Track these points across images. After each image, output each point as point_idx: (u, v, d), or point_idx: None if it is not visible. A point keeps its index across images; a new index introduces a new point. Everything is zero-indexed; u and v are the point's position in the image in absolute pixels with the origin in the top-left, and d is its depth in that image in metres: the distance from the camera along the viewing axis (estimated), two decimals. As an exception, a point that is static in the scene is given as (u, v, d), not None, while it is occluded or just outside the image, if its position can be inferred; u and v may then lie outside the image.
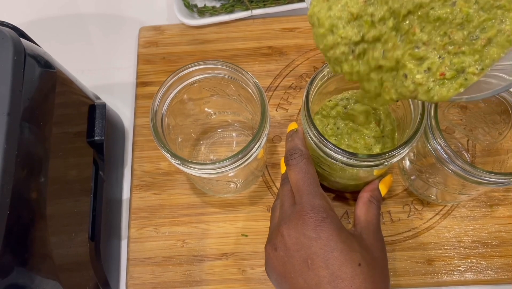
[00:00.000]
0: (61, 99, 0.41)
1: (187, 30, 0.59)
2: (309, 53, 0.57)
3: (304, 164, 0.39)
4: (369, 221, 0.40)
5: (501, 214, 0.49)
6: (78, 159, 0.46)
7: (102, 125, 0.49)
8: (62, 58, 0.45)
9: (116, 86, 0.59)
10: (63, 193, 0.41)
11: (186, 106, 0.47)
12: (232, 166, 0.39)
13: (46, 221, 0.37)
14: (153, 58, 0.58)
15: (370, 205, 0.41)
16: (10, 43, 0.35)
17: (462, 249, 0.48)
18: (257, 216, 0.51)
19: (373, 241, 0.38)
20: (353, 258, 0.35)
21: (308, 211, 0.36)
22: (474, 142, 0.51)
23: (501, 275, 0.47)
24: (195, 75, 0.42)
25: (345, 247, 0.35)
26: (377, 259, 0.37)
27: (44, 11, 0.64)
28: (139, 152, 0.54)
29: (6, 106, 0.33)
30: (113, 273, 0.49)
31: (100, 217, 0.48)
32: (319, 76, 0.40)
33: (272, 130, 0.54)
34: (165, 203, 0.52)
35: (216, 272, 0.49)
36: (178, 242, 0.50)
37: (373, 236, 0.39)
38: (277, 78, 0.56)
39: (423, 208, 0.50)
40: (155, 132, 0.39)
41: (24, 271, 0.35)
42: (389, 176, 0.44)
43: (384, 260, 0.38)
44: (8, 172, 0.32)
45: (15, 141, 0.33)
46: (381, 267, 0.37)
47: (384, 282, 0.37)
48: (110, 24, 0.63)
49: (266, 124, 0.40)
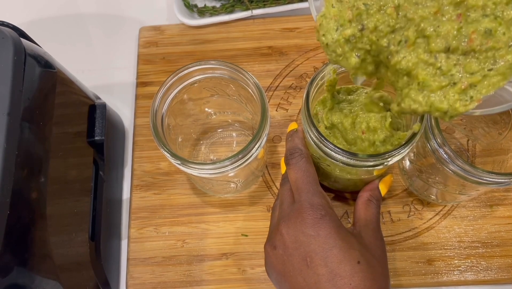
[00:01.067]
0: (61, 99, 0.41)
1: (187, 30, 0.59)
2: (309, 53, 0.57)
3: (304, 163, 0.39)
4: (368, 220, 0.40)
5: (501, 214, 0.49)
6: (78, 159, 0.46)
7: (102, 125, 0.49)
8: (62, 58, 0.45)
9: (116, 86, 0.59)
10: (63, 193, 0.41)
11: (186, 106, 0.47)
12: (232, 166, 0.39)
13: (46, 221, 0.37)
14: (153, 58, 0.58)
15: (370, 204, 0.41)
16: (10, 43, 0.35)
17: (462, 249, 0.48)
18: (257, 216, 0.51)
19: (372, 240, 0.38)
20: (352, 255, 0.35)
21: (307, 209, 0.36)
22: (474, 142, 0.51)
23: (501, 275, 0.47)
24: (195, 75, 0.42)
25: (344, 245, 0.35)
26: (377, 257, 0.37)
27: (44, 11, 0.64)
28: (139, 152, 0.54)
29: (6, 106, 0.33)
30: (113, 273, 0.49)
31: (100, 217, 0.48)
32: (319, 76, 0.40)
33: (272, 130, 0.54)
34: (165, 203, 0.52)
35: (216, 272, 0.49)
36: (178, 242, 0.50)
37: (372, 235, 0.39)
38: (277, 78, 0.56)
39: (423, 208, 0.50)
40: (155, 132, 0.39)
41: (24, 271, 0.35)
42: (389, 176, 0.44)
43: (383, 258, 0.38)
44: (8, 172, 0.32)
45: (15, 141, 0.33)
46: (380, 265, 0.37)
47: (384, 280, 0.36)
48: (110, 24, 0.63)
49: (266, 124, 0.40)
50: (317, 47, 0.57)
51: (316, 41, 0.57)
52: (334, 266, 0.34)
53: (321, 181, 0.47)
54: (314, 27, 0.34)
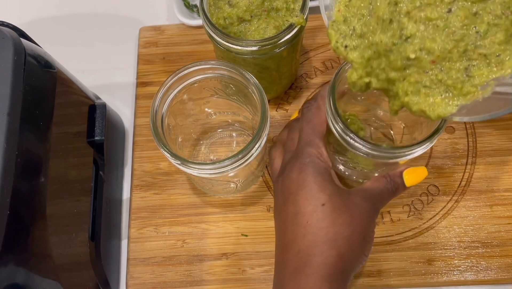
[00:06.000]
0: (61, 99, 0.41)
1: (187, 30, 0.59)
2: (309, 53, 0.57)
3: (312, 114, 0.40)
4: (369, 188, 0.39)
5: (501, 214, 0.49)
6: (78, 159, 0.46)
7: (102, 125, 0.49)
8: (62, 58, 0.45)
9: (116, 86, 0.59)
10: (63, 193, 0.41)
11: (186, 106, 0.47)
12: (232, 166, 0.39)
13: (46, 221, 0.37)
14: (153, 58, 0.58)
15: (381, 179, 0.39)
16: (10, 43, 0.35)
17: (462, 249, 0.48)
18: (257, 216, 0.51)
19: (359, 201, 0.37)
20: (318, 197, 0.36)
21: (297, 156, 0.39)
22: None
23: (501, 275, 0.47)
24: (195, 75, 0.42)
25: (315, 187, 0.36)
26: (354, 214, 0.36)
27: (44, 11, 0.64)
28: (139, 152, 0.54)
29: (6, 106, 0.33)
30: (113, 273, 0.49)
31: (100, 217, 0.48)
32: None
33: (272, 130, 0.54)
34: (165, 203, 0.52)
35: (216, 272, 0.49)
36: (178, 242, 0.50)
37: (362, 198, 0.38)
38: (277, 78, 0.56)
39: (423, 208, 0.50)
40: (155, 132, 0.39)
41: (24, 271, 0.35)
42: (421, 167, 0.41)
43: (362, 220, 0.37)
44: (8, 172, 0.32)
45: (15, 141, 0.33)
46: (356, 222, 0.36)
47: (346, 229, 0.36)
48: (110, 24, 0.63)
49: (266, 124, 0.40)
50: (317, 47, 0.57)
51: (316, 42, 0.57)
52: (300, 204, 0.37)
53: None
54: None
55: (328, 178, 0.38)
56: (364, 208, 0.37)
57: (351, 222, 0.36)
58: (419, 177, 0.41)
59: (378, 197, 0.39)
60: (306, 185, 0.37)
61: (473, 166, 0.51)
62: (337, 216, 0.36)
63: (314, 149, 0.39)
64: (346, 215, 0.36)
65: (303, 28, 0.44)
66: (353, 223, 0.36)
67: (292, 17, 0.43)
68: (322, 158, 0.38)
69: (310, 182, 0.37)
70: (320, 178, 0.37)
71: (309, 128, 0.40)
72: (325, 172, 0.38)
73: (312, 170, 0.37)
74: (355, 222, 0.36)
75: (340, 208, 0.36)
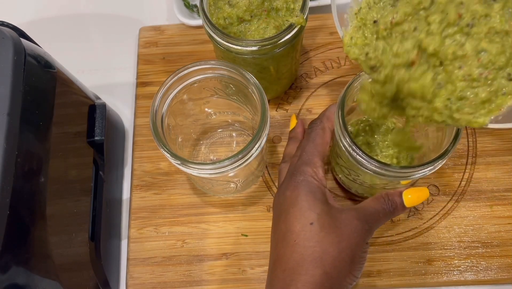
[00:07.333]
0: (61, 99, 0.41)
1: (187, 30, 0.59)
2: (309, 53, 0.57)
3: (315, 134, 0.41)
4: (363, 207, 0.38)
5: (501, 214, 0.49)
6: (78, 159, 0.46)
7: (102, 125, 0.49)
8: (62, 58, 0.45)
9: (116, 86, 0.59)
10: (63, 193, 0.41)
11: (186, 106, 0.47)
12: (232, 166, 0.39)
13: (46, 221, 0.37)
14: (153, 58, 0.58)
15: (379, 199, 0.38)
16: (10, 43, 0.35)
17: (462, 249, 0.48)
18: (257, 216, 0.51)
19: (351, 220, 0.37)
20: (307, 215, 0.36)
21: (293, 174, 0.39)
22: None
23: (501, 275, 0.47)
24: (195, 75, 0.42)
25: (305, 205, 0.37)
26: (344, 233, 0.36)
27: (44, 11, 0.64)
28: (139, 152, 0.54)
29: (6, 106, 0.33)
30: (113, 273, 0.49)
31: (100, 217, 0.48)
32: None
33: (272, 130, 0.54)
34: (165, 203, 0.52)
35: (216, 272, 0.49)
36: (178, 242, 0.50)
37: (354, 218, 0.37)
38: (277, 78, 0.56)
39: (423, 208, 0.50)
40: (155, 132, 0.39)
41: (24, 271, 0.35)
42: (423, 188, 0.40)
43: (351, 240, 0.36)
44: (8, 172, 0.32)
45: (15, 141, 0.33)
46: (344, 241, 0.36)
47: (334, 249, 0.35)
48: (110, 24, 0.63)
49: (266, 124, 0.40)
50: (317, 47, 0.57)
51: (316, 42, 0.57)
52: (290, 222, 0.37)
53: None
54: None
55: (320, 196, 0.37)
56: (355, 227, 0.36)
57: (340, 241, 0.36)
58: (421, 198, 0.39)
59: (372, 217, 0.38)
60: (297, 203, 0.37)
61: (473, 166, 0.51)
62: (325, 235, 0.35)
63: (310, 167, 0.39)
64: (335, 234, 0.36)
65: (303, 28, 0.44)
66: (342, 242, 0.36)
67: (292, 17, 0.43)
68: (317, 177, 0.38)
69: (302, 200, 0.37)
70: (311, 196, 0.37)
71: (311, 148, 0.40)
72: (317, 191, 0.38)
73: (304, 188, 0.38)
74: (344, 241, 0.36)
75: (329, 227, 0.36)
